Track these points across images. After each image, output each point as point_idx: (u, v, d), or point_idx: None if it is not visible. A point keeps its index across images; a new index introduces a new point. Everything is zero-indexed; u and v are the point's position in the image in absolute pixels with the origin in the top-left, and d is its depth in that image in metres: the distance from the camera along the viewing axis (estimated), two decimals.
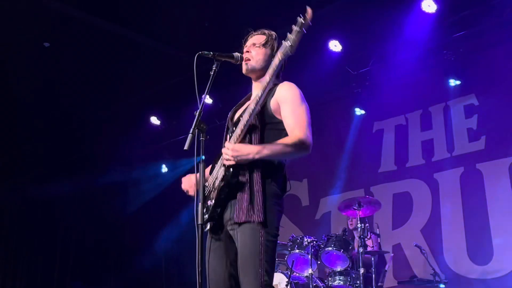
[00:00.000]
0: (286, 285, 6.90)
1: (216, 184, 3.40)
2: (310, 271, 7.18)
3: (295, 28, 3.25)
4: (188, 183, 3.64)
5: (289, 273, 7.03)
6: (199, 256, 2.92)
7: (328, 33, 8.65)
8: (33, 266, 12.70)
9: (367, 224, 7.61)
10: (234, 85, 9.60)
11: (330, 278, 7.44)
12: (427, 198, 9.20)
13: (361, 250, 7.33)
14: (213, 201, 3.37)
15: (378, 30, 8.49)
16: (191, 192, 3.55)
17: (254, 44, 3.67)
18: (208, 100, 9.36)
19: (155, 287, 11.07)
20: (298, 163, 4.09)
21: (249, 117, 3.35)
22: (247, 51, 3.66)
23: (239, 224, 3.29)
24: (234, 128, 3.48)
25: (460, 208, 8.81)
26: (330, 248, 7.31)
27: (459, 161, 8.93)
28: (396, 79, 8.86)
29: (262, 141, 3.40)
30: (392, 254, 8.34)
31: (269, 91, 3.52)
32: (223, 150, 3.31)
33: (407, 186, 9.46)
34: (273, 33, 3.75)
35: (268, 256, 3.29)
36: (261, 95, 3.39)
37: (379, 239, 7.84)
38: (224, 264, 3.43)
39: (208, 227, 3.42)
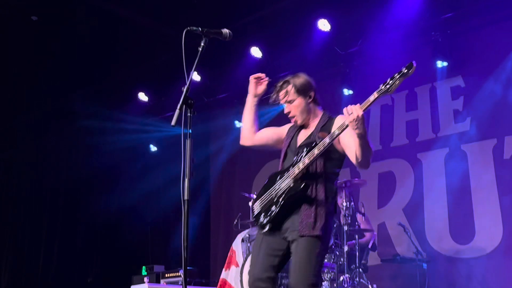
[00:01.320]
0: None
1: (279, 194, 3.89)
2: None
3: (396, 76, 3.75)
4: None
5: None
6: (185, 231, 2.92)
7: (317, 12, 8.61)
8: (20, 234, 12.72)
9: (352, 203, 7.64)
10: (222, 63, 9.59)
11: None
12: (410, 178, 9.22)
13: (345, 228, 7.36)
14: (278, 208, 3.85)
15: (367, 11, 8.46)
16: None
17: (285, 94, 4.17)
18: (196, 77, 9.30)
19: (141, 257, 11.08)
20: None
21: (322, 149, 3.79)
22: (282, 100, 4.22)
23: (301, 236, 3.76)
24: (300, 153, 3.93)
25: (444, 188, 8.84)
26: None
27: (444, 141, 8.95)
28: (384, 59, 8.81)
29: (326, 164, 3.94)
30: (375, 233, 8.38)
31: (328, 123, 4.09)
32: (353, 108, 3.74)
33: (391, 165, 9.47)
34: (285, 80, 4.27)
35: (319, 267, 3.88)
36: (337, 134, 3.79)
37: (363, 218, 7.87)
38: (270, 261, 3.91)
39: (267, 228, 3.89)
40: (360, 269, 7.42)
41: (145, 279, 8.57)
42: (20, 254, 12.79)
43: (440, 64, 8.86)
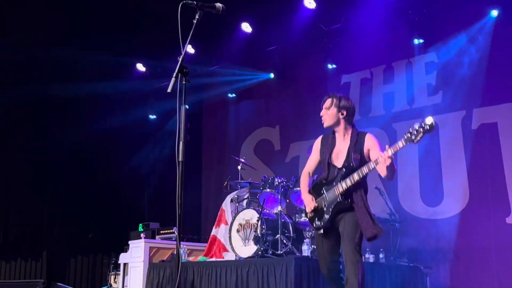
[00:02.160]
0: (257, 220, 6.93)
1: (328, 205, 4.64)
2: (279, 208, 7.21)
3: (421, 130, 4.23)
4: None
5: (260, 209, 7.07)
6: (179, 191, 2.90)
7: None
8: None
9: None
10: (215, 37, 9.49)
11: (297, 215, 7.48)
12: (385, 146, 9.26)
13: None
14: (329, 216, 4.61)
15: None
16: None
17: (325, 108, 4.89)
18: (190, 49, 9.21)
19: (138, 215, 11.11)
20: (272, 111, 4.60)
21: (361, 176, 4.51)
22: (322, 115, 4.93)
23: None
24: (342, 173, 4.62)
25: (416, 155, 8.89)
26: (298, 188, 7.32)
27: (418, 113, 8.97)
28: (364, 36, 8.80)
29: (363, 179, 4.60)
30: None
31: (359, 140, 4.74)
32: (386, 155, 4.36)
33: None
34: (336, 94, 4.90)
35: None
36: (373, 167, 4.47)
37: None
38: (332, 253, 4.75)
39: (321, 231, 4.68)
40: None
41: (142, 235, 8.61)
42: (26, 209, 12.76)
43: (416, 41, 8.89)
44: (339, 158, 4.75)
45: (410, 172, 8.89)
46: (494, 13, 8.17)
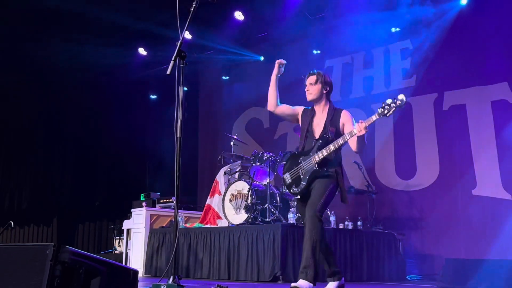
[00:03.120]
0: (248, 191, 6.97)
1: (305, 173, 4.50)
2: (268, 180, 7.27)
3: (393, 105, 4.21)
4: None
5: (250, 181, 7.09)
6: (177, 164, 2.90)
7: None
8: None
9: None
10: (211, 24, 9.41)
11: (284, 186, 7.51)
12: None
13: None
14: (305, 183, 4.47)
15: None
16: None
17: (310, 84, 4.71)
18: (188, 35, 9.14)
19: (140, 186, 11.11)
20: (262, 92, 4.75)
21: (337, 146, 4.39)
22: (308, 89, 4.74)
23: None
24: (319, 144, 4.49)
25: (392, 133, 8.94)
26: (284, 162, 7.37)
27: (394, 94, 8.90)
28: (346, 25, 8.76)
29: (338, 150, 4.47)
30: None
31: (335, 115, 4.61)
32: (362, 126, 4.22)
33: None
34: (321, 72, 4.74)
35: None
36: (348, 138, 4.33)
37: None
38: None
39: (298, 197, 4.61)
40: None
41: (143, 204, 8.61)
42: (38, 178, 12.75)
43: (393, 29, 8.88)
44: (316, 130, 4.66)
45: (386, 148, 8.94)
46: (463, 1, 8.17)
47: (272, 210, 7.05)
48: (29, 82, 11.57)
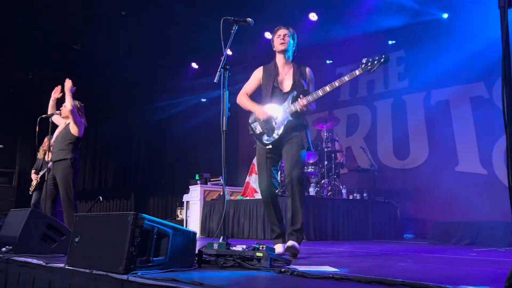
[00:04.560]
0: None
1: (279, 123, 3.64)
2: None
3: (376, 63, 3.45)
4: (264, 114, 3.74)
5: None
6: (223, 150, 2.92)
7: (309, 5, 8.44)
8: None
9: (330, 133, 7.64)
10: (245, 43, 9.40)
11: (305, 167, 7.51)
12: (368, 117, 9.19)
13: (325, 150, 7.37)
14: (280, 132, 3.61)
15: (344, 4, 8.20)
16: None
17: (286, 35, 3.77)
18: (229, 51, 9.13)
19: (196, 167, 11.24)
20: None
21: (311, 101, 3.58)
22: (283, 38, 3.76)
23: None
24: (292, 96, 3.66)
25: (390, 124, 8.81)
26: None
27: (391, 93, 8.88)
28: (353, 39, 8.64)
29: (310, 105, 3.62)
30: (345, 153, 8.40)
31: (302, 71, 3.76)
32: (301, 102, 3.53)
33: (356, 109, 9.42)
34: (291, 28, 3.85)
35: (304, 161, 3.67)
36: (321, 95, 3.55)
37: (337, 143, 7.86)
38: (272, 167, 3.73)
39: (270, 146, 3.66)
40: (335, 176, 7.47)
41: (198, 182, 8.70)
42: (119, 163, 13.00)
43: (390, 42, 8.73)
44: (285, 84, 3.75)
45: (385, 135, 8.82)
46: (445, 15, 7.98)
47: None
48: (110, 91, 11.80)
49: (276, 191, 3.78)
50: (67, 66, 10.69)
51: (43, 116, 5.26)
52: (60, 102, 5.34)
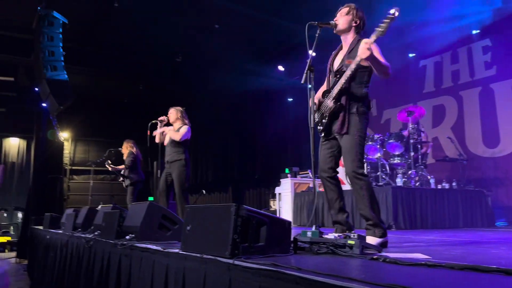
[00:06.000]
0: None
1: (326, 110, 3.26)
2: (378, 154, 7.05)
3: (385, 20, 2.88)
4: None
5: (365, 156, 6.93)
6: (312, 144, 2.91)
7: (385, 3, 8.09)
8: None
9: (415, 125, 7.30)
10: (329, 44, 9.26)
11: (390, 159, 7.25)
12: (455, 107, 8.64)
13: (411, 141, 7.06)
14: (326, 121, 3.26)
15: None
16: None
17: (340, 14, 3.37)
18: (313, 53, 9.08)
19: (285, 162, 11.31)
20: (370, 89, 3.78)
21: (347, 79, 3.13)
22: (336, 19, 3.35)
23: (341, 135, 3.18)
24: (337, 73, 3.27)
25: (478, 112, 8.22)
26: (391, 140, 7.09)
27: (478, 82, 8.26)
28: (436, 31, 8.18)
29: (354, 78, 3.17)
30: (432, 143, 7.97)
31: (356, 46, 3.18)
32: (363, 48, 2.92)
33: (442, 100, 8.89)
34: (353, 4, 3.36)
35: (359, 154, 3.15)
36: (354, 68, 3.09)
37: (423, 134, 7.49)
38: (329, 153, 3.33)
39: (322, 134, 3.32)
40: (422, 166, 7.13)
41: (288, 175, 8.76)
42: (218, 160, 13.47)
43: (474, 31, 8.13)
44: (335, 65, 3.40)
45: (474, 124, 8.23)
46: None
47: (383, 176, 6.83)
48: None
49: (335, 183, 3.49)
50: (171, 76, 11.35)
51: (153, 121, 5.68)
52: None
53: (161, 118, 5.73)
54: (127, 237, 3.34)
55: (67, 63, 8.29)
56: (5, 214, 13.05)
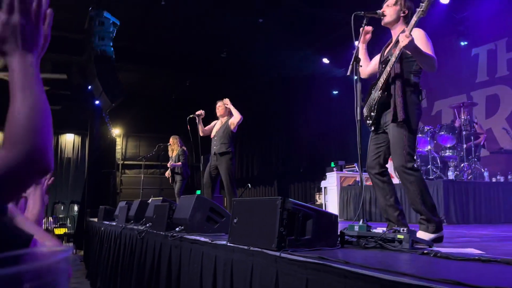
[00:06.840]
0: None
1: (374, 103, 3.13)
2: (429, 147, 6.82)
3: (426, 2, 2.77)
4: None
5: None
6: (359, 138, 2.85)
7: None
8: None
9: (468, 116, 7.01)
10: (376, 34, 9.04)
11: (442, 152, 7.00)
12: (510, 97, 8.19)
13: (464, 133, 6.78)
14: (375, 114, 3.14)
15: None
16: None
17: (387, 5, 3.22)
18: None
19: (330, 156, 11.18)
20: (422, 80, 3.57)
21: (389, 70, 3.00)
22: (384, 10, 3.22)
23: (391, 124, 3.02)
24: (383, 63, 3.15)
25: None
26: (442, 132, 6.84)
27: None
28: (487, 19, 7.78)
29: (402, 69, 3.01)
30: (485, 135, 7.61)
31: None
32: (403, 35, 2.79)
33: (496, 90, 8.45)
34: None
35: (410, 146, 2.97)
36: (395, 60, 2.96)
37: (477, 125, 7.17)
38: (377, 148, 3.22)
39: (372, 128, 3.20)
40: (475, 159, 6.83)
41: (334, 169, 8.66)
42: (264, 155, 13.51)
43: None
44: (384, 55, 3.25)
45: None
46: None
47: (434, 169, 6.61)
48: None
49: (384, 179, 3.38)
50: (216, 72, 11.49)
51: (190, 116, 5.82)
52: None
53: (198, 112, 5.83)
54: (177, 229, 3.44)
55: (117, 61, 8.60)
56: (62, 207, 13.80)
